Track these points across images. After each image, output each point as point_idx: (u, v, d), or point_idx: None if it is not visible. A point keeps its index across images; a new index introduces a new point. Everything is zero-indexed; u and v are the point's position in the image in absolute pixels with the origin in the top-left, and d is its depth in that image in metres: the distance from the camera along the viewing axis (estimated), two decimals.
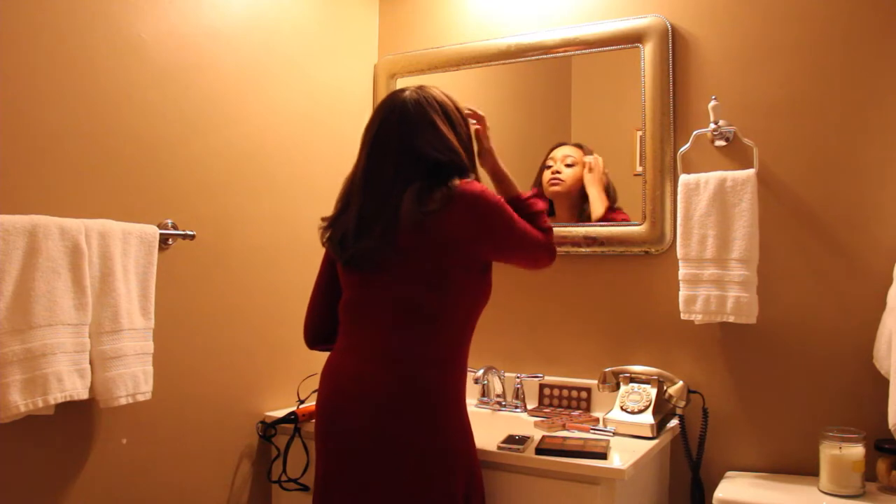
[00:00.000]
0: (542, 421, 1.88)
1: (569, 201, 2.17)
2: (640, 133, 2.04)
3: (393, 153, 1.50)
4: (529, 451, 1.62)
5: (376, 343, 1.51)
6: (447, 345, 1.52)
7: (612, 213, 2.11)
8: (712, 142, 1.96)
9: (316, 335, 1.70)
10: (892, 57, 1.78)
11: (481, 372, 2.11)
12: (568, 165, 2.16)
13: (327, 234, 1.61)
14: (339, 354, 1.57)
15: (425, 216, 1.43)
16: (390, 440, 1.45)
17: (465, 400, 1.56)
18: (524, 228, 1.53)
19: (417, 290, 1.49)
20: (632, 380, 1.90)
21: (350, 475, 1.49)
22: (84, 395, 1.45)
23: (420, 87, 1.56)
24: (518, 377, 2.12)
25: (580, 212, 2.15)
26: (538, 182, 2.21)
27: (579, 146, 2.17)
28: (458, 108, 1.58)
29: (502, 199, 1.53)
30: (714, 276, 1.85)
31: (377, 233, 1.48)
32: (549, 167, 2.19)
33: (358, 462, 1.48)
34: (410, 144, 1.49)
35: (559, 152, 2.19)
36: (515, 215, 1.53)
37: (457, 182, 1.47)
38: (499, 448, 1.64)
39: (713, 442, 1.91)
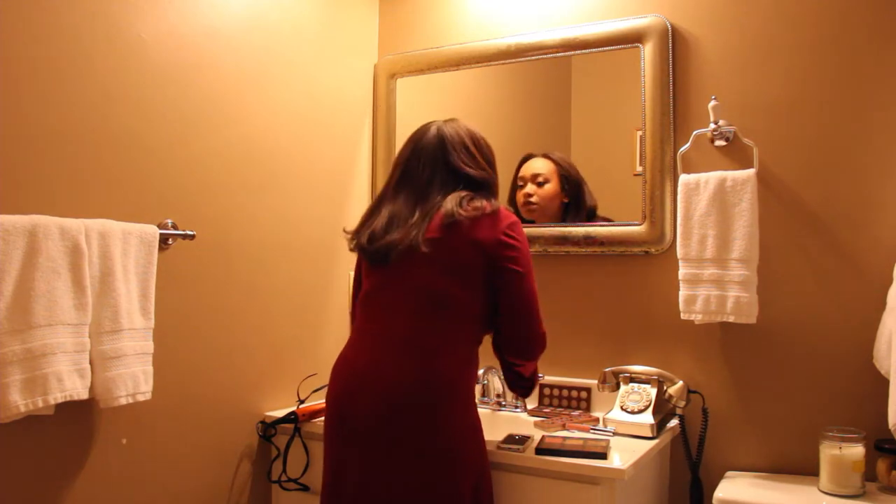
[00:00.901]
0: (542, 421, 1.88)
1: (547, 216, 2.16)
2: (640, 133, 2.04)
3: (429, 165, 1.60)
4: (529, 451, 1.62)
5: (392, 333, 1.53)
6: (463, 339, 1.54)
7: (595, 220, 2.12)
8: (712, 142, 1.96)
9: None
10: (891, 56, 1.78)
11: (481, 372, 2.11)
12: (539, 184, 2.15)
13: (354, 241, 1.65)
14: (352, 348, 1.59)
15: (462, 218, 1.51)
16: (401, 435, 1.47)
17: (474, 396, 1.58)
18: (536, 297, 1.58)
19: (437, 280, 1.52)
20: (632, 380, 1.90)
21: (360, 471, 1.50)
22: (84, 395, 1.45)
23: (452, 119, 1.66)
24: None
25: (561, 222, 2.15)
26: (512, 201, 2.19)
27: (548, 156, 2.16)
28: (485, 141, 1.67)
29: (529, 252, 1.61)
30: (714, 276, 1.85)
31: (405, 228, 1.54)
32: (521, 186, 2.17)
33: (369, 458, 1.49)
34: (446, 159, 1.60)
35: (528, 170, 2.17)
36: (534, 277, 1.58)
37: (501, 204, 1.60)
38: (499, 448, 1.64)
39: (713, 442, 1.91)
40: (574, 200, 2.14)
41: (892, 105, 1.78)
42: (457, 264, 1.52)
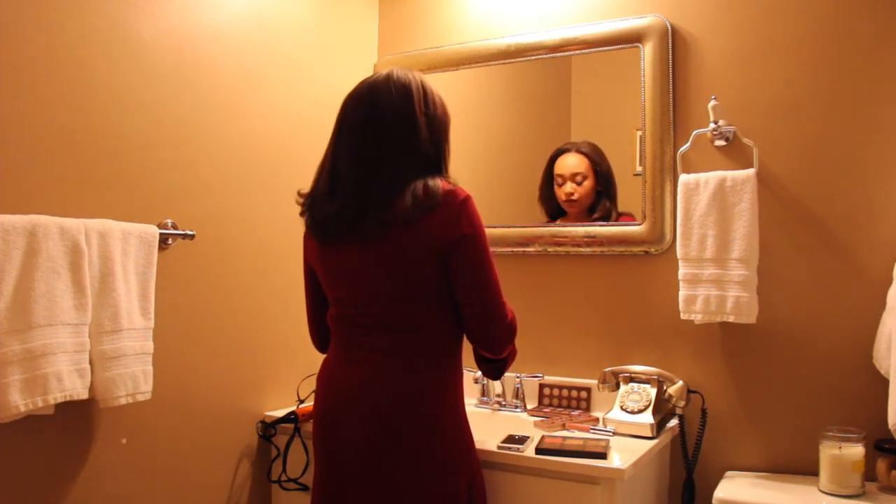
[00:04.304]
0: (542, 421, 1.88)
1: (579, 210, 2.16)
2: (640, 133, 2.04)
3: (379, 139, 1.47)
4: (529, 451, 1.62)
5: (372, 346, 1.49)
6: (441, 350, 1.50)
7: (618, 219, 2.12)
8: (712, 142, 1.96)
9: (324, 340, 1.67)
10: (891, 56, 1.78)
11: (481, 372, 2.11)
12: (579, 183, 2.13)
13: (308, 216, 1.56)
14: (334, 363, 1.56)
15: (419, 214, 1.41)
16: (389, 449, 1.45)
17: (463, 403, 1.55)
18: (495, 278, 1.46)
19: (402, 304, 1.46)
20: (632, 380, 1.90)
21: (349, 484, 1.48)
22: (84, 395, 1.45)
23: (395, 71, 1.52)
24: (518, 377, 2.12)
25: (587, 216, 2.15)
26: (550, 197, 2.17)
27: (582, 152, 2.14)
28: (433, 95, 1.55)
29: (484, 229, 1.47)
30: (714, 276, 1.85)
31: (348, 202, 1.45)
32: (560, 184, 2.15)
33: (356, 471, 1.47)
34: (392, 135, 1.46)
35: (566, 167, 2.14)
36: (492, 258, 1.47)
37: (442, 184, 1.44)
38: (499, 448, 1.64)
39: (713, 442, 1.91)
40: (605, 189, 2.14)
41: (892, 104, 1.78)
42: (416, 273, 1.44)
